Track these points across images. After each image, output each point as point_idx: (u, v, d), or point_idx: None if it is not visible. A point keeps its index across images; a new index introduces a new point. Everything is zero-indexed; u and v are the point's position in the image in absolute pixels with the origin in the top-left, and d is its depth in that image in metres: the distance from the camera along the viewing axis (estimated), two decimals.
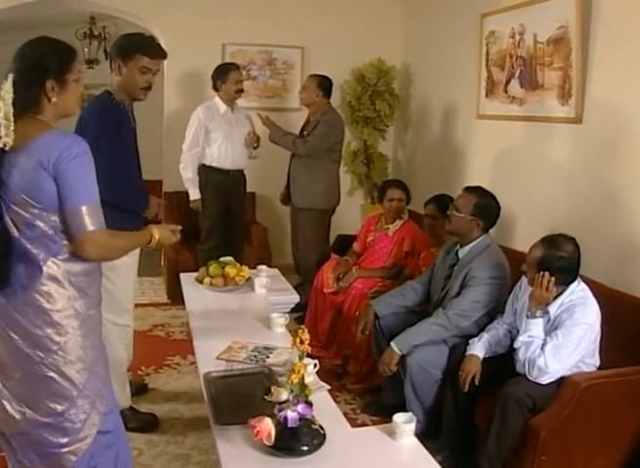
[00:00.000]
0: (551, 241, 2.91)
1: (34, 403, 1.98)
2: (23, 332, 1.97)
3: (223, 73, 5.00)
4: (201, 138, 5.01)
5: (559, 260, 2.84)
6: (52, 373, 1.97)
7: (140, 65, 3.07)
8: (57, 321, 1.97)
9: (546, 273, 2.83)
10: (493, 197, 3.48)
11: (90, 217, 1.94)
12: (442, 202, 4.05)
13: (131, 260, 3.22)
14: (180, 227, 2.45)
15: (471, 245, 3.43)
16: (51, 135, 1.95)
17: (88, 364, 2.02)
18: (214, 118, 5.02)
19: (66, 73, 2.05)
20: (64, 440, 1.99)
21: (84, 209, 1.93)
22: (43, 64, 2.01)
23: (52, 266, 1.96)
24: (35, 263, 1.96)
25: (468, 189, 3.55)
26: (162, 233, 2.30)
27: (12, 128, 1.94)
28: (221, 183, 5.06)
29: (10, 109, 1.94)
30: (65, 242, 1.97)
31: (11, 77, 1.97)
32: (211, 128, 5.00)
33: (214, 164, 5.05)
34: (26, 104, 1.99)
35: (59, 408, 1.98)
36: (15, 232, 1.96)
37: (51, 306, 1.96)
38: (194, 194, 5.07)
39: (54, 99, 2.03)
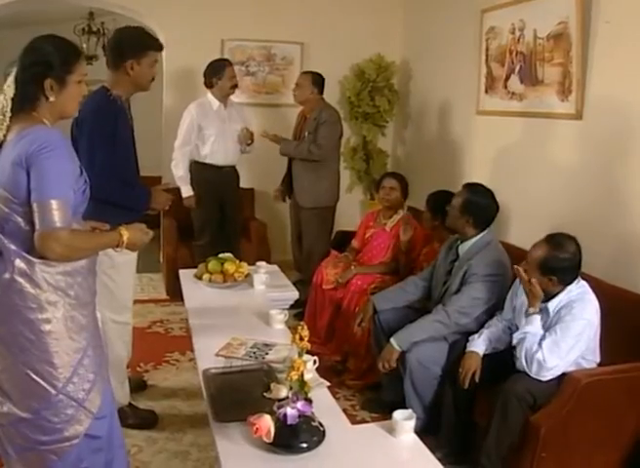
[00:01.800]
0: (555, 242, 2.88)
1: (15, 397, 1.97)
2: (1, 328, 1.96)
3: (218, 69, 4.98)
4: (193, 136, 5.00)
5: (562, 262, 2.84)
6: (27, 370, 1.95)
7: (152, 60, 3.16)
8: (29, 318, 1.94)
9: (520, 269, 2.88)
10: (489, 195, 3.46)
11: (59, 213, 1.88)
12: (433, 199, 4.06)
13: (132, 258, 3.21)
14: (143, 226, 2.29)
15: (472, 241, 3.42)
16: (33, 129, 1.93)
17: (70, 366, 1.99)
18: (207, 115, 5.01)
19: (68, 73, 2.04)
20: (44, 438, 1.97)
21: (54, 203, 1.88)
22: (45, 62, 2.00)
23: (23, 262, 1.93)
24: (7, 259, 1.94)
25: (465, 186, 3.55)
26: (132, 233, 2.16)
27: (6, 123, 1.94)
28: (214, 179, 5.05)
29: (8, 104, 1.94)
30: None
31: (13, 73, 1.96)
32: (204, 125, 4.99)
33: (206, 160, 5.05)
34: (23, 100, 1.98)
35: (35, 405, 1.96)
36: None
37: (22, 303, 1.93)
38: (186, 191, 5.05)
39: (51, 98, 2.01)
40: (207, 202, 5.07)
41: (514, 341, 2.89)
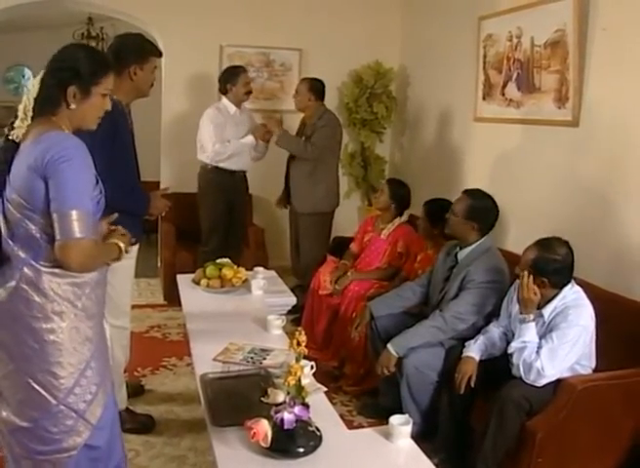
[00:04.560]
0: (545, 244, 2.92)
1: (13, 405, 1.95)
2: (2, 334, 1.95)
3: (233, 76, 5.02)
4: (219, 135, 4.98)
5: (552, 263, 2.85)
6: (28, 379, 1.93)
7: (154, 66, 3.21)
8: (33, 327, 1.92)
9: (525, 273, 2.86)
10: (490, 199, 3.48)
11: (79, 223, 1.87)
12: (431, 207, 4.09)
13: (130, 263, 3.22)
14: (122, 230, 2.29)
15: (471, 248, 3.43)
16: (50, 135, 1.92)
17: (72, 376, 1.97)
18: (225, 119, 5.02)
19: (94, 84, 2.03)
20: (41, 448, 1.95)
21: (74, 213, 1.86)
22: (73, 68, 2.00)
23: (31, 271, 1.91)
24: (16, 265, 1.92)
25: (466, 192, 3.55)
26: (122, 240, 2.17)
27: (27, 122, 1.92)
28: (226, 184, 5.05)
29: (30, 103, 1.93)
30: (50, 247, 1.90)
31: (41, 74, 1.97)
32: (223, 128, 4.99)
33: (220, 165, 5.03)
34: (45, 103, 1.97)
35: (34, 414, 1.94)
36: (5, 232, 1.94)
37: (27, 311, 1.92)
38: (248, 138, 5.03)
39: (72, 106, 2.00)
40: (217, 206, 5.07)
41: (510, 350, 2.89)
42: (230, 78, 5.03)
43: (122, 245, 2.15)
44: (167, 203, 3.37)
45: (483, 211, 3.42)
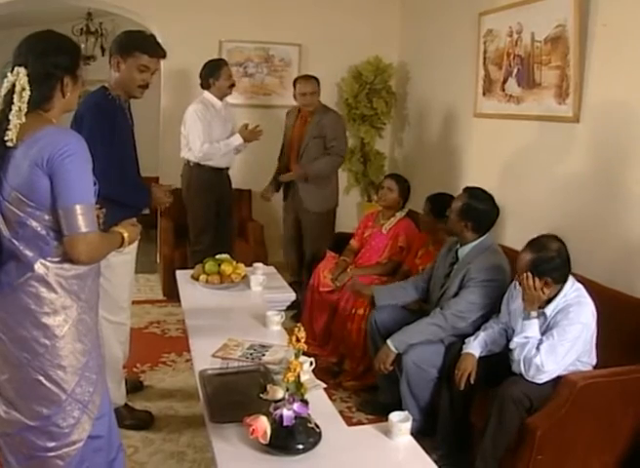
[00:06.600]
0: (536, 243, 2.90)
1: (21, 405, 1.95)
2: (11, 333, 1.95)
3: (215, 69, 4.92)
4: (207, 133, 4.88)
5: (550, 261, 2.83)
6: (39, 377, 1.94)
7: (139, 63, 3.07)
8: (44, 323, 1.93)
9: (529, 274, 2.84)
10: (488, 200, 3.44)
11: (84, 218, 1.89)
12: (435, 201, 4.06)
13: (128, 258, 3.21)
14: (132, 221, 2.35)
15: (471, 245, 3.41)
16: (48, 131, 1.92)
17: (78, 368, 1.99)
18: (212, 115, 4.92)
19: (77, 68, 2.05)
20: (51, 444, 1.96)
21: (78, 208, 1.88)
22: (59, 60, 1.99)
23: (41, 268, 1.93)
24: (24, 264, 1.92)
25: (465, 190, 3.54)
26: (128, 230, 2.21)
27: (19, 125, 1.91)
28: (212, 182, 4.97)
29: (24, 107, 1.90)
30: (57, 243, 1.93)
31: (24, 72, 1.92)
32: (212, 125, 4.90)
33: (208, 163, 4.94)
34: (39, 100, 1.95)
35: (45, 411, 1.95)
36: (5, 231, 1.93)
37: (38, 308, 1.93)
38: (237, 139, 4.94)
39: (68, 95, 2.02)
40: (207, 206, 4.99)
41: (512, 345, 2.89)
42: (212, 72, 4.92)
43: (126, 234, 2.18)
44: (168, 194, 3.36)
45: (478, 211, 3.39)
